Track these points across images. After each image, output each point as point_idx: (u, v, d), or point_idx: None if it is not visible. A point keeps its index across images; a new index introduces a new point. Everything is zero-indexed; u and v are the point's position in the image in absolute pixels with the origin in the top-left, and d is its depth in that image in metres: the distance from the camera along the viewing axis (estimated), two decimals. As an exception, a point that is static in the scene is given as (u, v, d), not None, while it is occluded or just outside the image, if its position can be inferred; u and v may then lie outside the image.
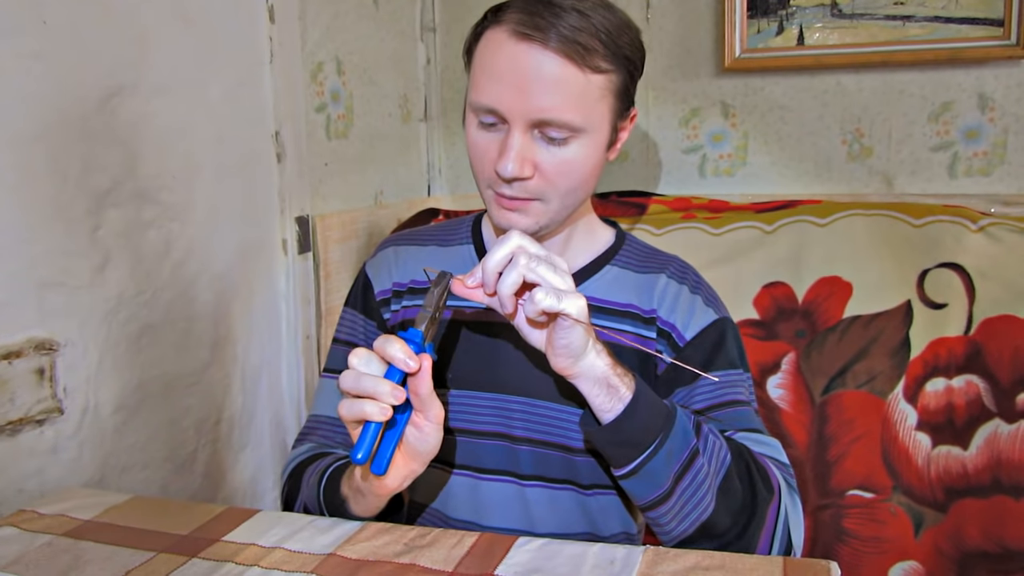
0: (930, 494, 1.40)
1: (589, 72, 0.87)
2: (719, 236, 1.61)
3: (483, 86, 0.90)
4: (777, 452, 0.94)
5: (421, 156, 2.00)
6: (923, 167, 1.65)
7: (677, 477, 0.82)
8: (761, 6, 1.68)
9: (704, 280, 1.05)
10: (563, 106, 0.86)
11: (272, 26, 1.43)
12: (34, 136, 1.03)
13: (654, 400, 0.84)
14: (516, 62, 0.87)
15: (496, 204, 0.93)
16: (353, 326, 1.10)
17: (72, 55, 1.07)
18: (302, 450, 1.05)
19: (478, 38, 0.93)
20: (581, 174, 0.92)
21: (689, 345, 0.98)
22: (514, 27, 0.87)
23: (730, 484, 0.84)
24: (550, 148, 0.89)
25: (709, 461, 0.84)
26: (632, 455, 0.82)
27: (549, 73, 0.86)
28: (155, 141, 1.21)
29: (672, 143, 1.83)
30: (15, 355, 1.01)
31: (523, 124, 0.87)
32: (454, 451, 1.01)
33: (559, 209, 0.93)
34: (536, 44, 0.86)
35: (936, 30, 1.58)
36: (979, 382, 1.41)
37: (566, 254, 1.02)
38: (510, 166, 0.87)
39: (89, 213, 1.11)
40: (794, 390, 1.48)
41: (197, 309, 1.31)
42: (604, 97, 0.90)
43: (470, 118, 0.93)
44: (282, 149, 1.47)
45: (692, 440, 0.83)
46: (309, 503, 0.95)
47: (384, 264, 1.10)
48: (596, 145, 0.92)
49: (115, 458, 1.16)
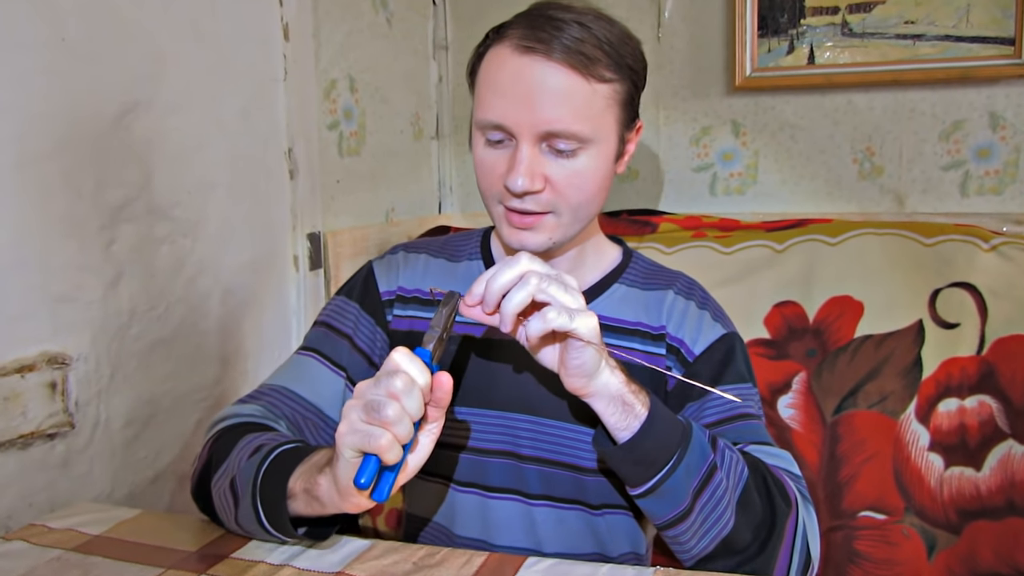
0: (943, 516, 1.39)
1: (594, 82, 0.88)
2: (730, 255, 1.61)
3: (489, 102, 0.90)
4: (789, 464, 0.93)
5: (432, 173, 2.01)
6: (934, 186, 1.65)
7: (696, 493, 0.81)
8: (772, 25, 1.68)
9: (710, 295, 1.05)
10: (570, 117, 0.87)
11: (286, 44, 1.44)
12: (50, 152, 1.04)
13: (669, 416, 0.83)
14: (520, 76, 0.87)
15: (507, 223, 0.93)
16: (343, 314, 1.05)
17: (89, 72, 1.09)
18: (246, 410, 0.96)
19: (481, 58, 0.94)
20: (591, 186, 0.92)
21: (698, 360, 0.98)
22: (517, 42, 0.88)
23: (749, 498, 0.84)
24: (559, 160, 0.89)
25: (728, 475, 0.83)
26: (650, 473, 0.81)
27: (554, 84, 0.86)
28: (169, 157, 1.22)
29: (683, 161, 1.83)
30: (28, 369, 1.01)
31: (531, 137, 0.88)
32: (461, 468, 1.00)
33: (571, 223, 0.93)
34: (540, 56, 0.86)
35: (947, 49, 1.58)
36: (992, 402, 1.40)
37: (576, 272, 1.01)
38: (520, 180, 0.87)
39: (103, 228, 1.11)
40: (805, 410, 1.47)
41: (208, 324, 1.31)
42: (610, 107, 0.90)
43: (477, 137, 0.93)
44: (295, 166, 1.47)
45: (710, 455, 0.82)
46: (238, 477, 0.84)
47: (393, 266, 1.08)
48: (605, 156, 0.92)
49: (125, 472, 1.17)
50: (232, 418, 0.94)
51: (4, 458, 1.00)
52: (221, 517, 0.88)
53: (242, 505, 0.83)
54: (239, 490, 0.83)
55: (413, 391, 0.71)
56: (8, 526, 0.99)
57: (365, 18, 1.69)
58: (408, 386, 0.71)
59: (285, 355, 1.48)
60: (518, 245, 0.92)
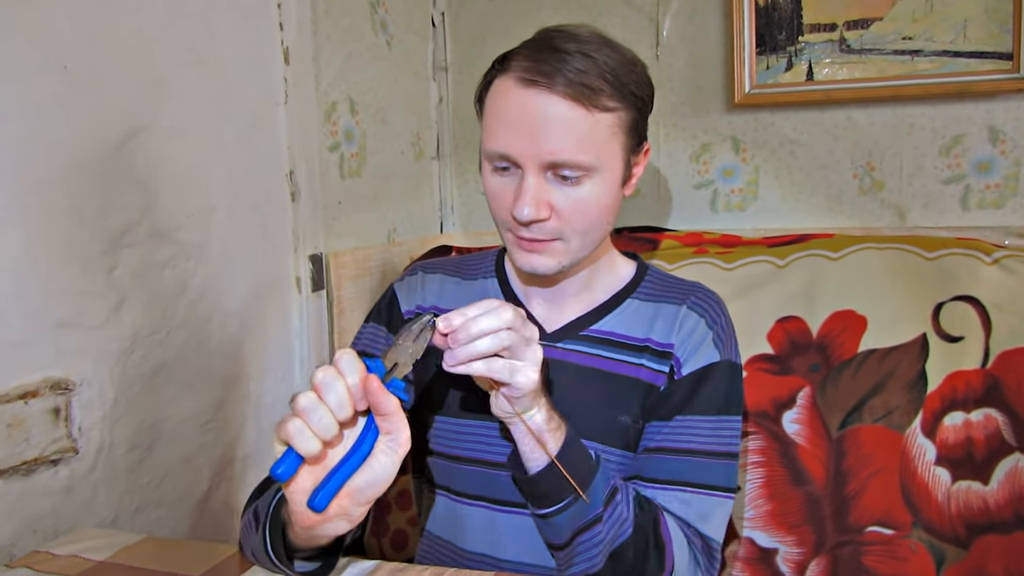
0: (951, 530, 1.38)
1: (596, 112, 0.89)
2: (731, 271, 1.61)
3: (494, 133, 0.92)
4: (704, 520, 0.95)
5: (434, 193, 2.02)
6: (935, 200, 1.65)
7: (576, 532, 0.88)
8: (770, 42, 1.69)
9: (725, 313, 1.05)
10: (574, 148, 0.88)
11: (287, 67, 1.45)
12: (52, 179, 1.04)
13: (580, 459, 0.88)
14: (524, 109, 0.89)
15: (517, 247, 0.95)
16: (375, 339, 1.09)
17: (91, 99, 1.09)
18: None
19: (488, 87, 0.95)
20: (597, 212, 0.93)
21: (681, 380, 0.99)
22: (520, 74, 0.89)
23: (623, 552, 0.89)
24: (564, 188, 0.90)
25: (609, 529, 0.88)
26: (543, 505, 0.88)
27: (557, 116, 0.88)
28: (171, 182, 1.22)
29: (683, 178, 1.83)
30: (31, 395, 1.01)
31: (536, 167, 0.89)
32: (468, 481, 1.00)
33: (580, 247, 0.95)
34: (543, 89, 0.88)
35: (945, 64, 1.59)
36: (998, 416, 1.39)
37: (587, 292, 1.03)
38: (527, 210, 0.89)
39: (105, 253, 1.12)
40: (810, 425, 1.47)
41: (211, 347, 1.31)
42: (614, 135, 0.92)
43: (485, 165, 0.95)
44: (296, 188, 1.48)
45: (598, 508, 0.88)
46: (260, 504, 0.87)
47: (413, 286, 1.11)
48: (610, 183, 0.93)
49: (129, 498, 1.16)
50: None
51: (8, 485, 0.99)
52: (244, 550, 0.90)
53: (257, 534, 0.84)
54: (259, 518, 0.85)
55: (334, 385, 0.72)
56: (12, 554, 0.99)
57: (365, 40, 1.70)
58: (330, 379, 0.72)
59: (288, 377, 1.49)
60: (530, 269, 0.95)
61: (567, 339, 1.02)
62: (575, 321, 1.03)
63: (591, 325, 1.02)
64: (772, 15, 1.68)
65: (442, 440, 1.03)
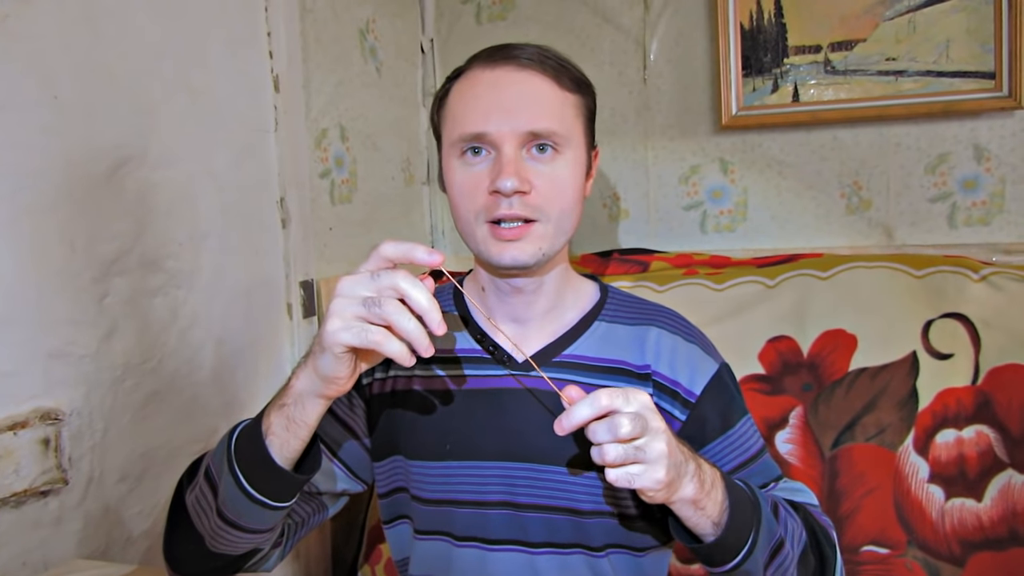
0: (946, 548, 1.38)
1: (563, 90, 0.93)
2: (721, 292, 1.61)
3: (465, 117, 0.93)
4: (810, 496, 0.99)
5: (424, 218, 2.02)
6: (923, 218, 1.66)
7: (766, 565, 0.84)
8: (756, 65, 1.71)
9: (694, 327, 1.06)
10: (547, 115, 0.91)
11: (277, 95, 1.46)
12: (43, 208, 1.05)
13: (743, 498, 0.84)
14: (495, 85, 0.92)
15: (493, 239, 0.92)
16: None
17: (81, 128, 1.10)
18: None
19: (446, 95, 0.98)
20: (571, 194, 0.94)
21: (701, 401, 0.98)
22: (483, 62, 0.94)
23: (807, 559, 0.88)
24: (539, 165, 0.92)
25: (792, 546, 0.87)
26: (727, 558, 0.83)
27: (530, 88, 0.92)
28: (162, 210, 1.23)
29: (672, 200, 1.84)
30: (20, 425, 1.01)
31: (514, 142, 0.90)
32: (460, 523, 0.98)
33: (556, 233, 0.93)
34: (511, 64, 0.92)
35: (929, 84, 1.61)
36: (989, 432, 1.40)
37: (556, 312, 1.01)
38: (510, 181, 0.88)
39: (96, 282, 1.12)
40: (803, 444, 1.47)
41: (203, 375, 1.31)
42: (578, 117, 0.95)
43: (451, 162, 0.95)
44: (287, 215, 1.48)
45: (777, 531, 0.85)
46: (211, 464, 0.86)
47: None
48: (578, 164, 0.95)
49: (120, 529, 1.15)
50: None
51: (-3, 517, 0.99)
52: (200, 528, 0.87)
53: (222, 484, 0.83)
54: (215, 473, 0.84)
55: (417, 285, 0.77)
56: (1, 586, 0.98)
57: (355, 68, 1.71)
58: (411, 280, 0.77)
59: (280, 404, 1.48)
60: (510, 261, 0.92)
61: (541, 367, 0.98)
62: (546, 348, 1.00)
63: (563, 351, 0.99)
64: (757, 37, 1.70)
65: (426, 486, 0.99)
